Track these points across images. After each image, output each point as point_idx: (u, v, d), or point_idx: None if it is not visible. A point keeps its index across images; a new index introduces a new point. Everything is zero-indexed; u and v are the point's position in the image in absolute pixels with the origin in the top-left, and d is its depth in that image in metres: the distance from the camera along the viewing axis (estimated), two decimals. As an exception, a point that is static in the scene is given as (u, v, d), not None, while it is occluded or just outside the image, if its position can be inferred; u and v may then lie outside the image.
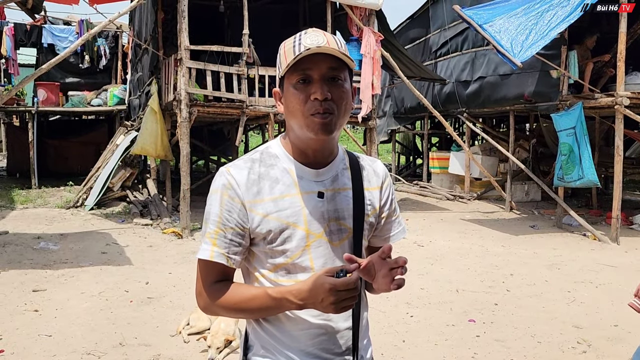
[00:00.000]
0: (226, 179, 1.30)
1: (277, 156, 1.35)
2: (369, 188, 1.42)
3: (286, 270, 1.31)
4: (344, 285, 1.16)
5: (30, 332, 4.13)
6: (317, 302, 1.19)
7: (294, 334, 1.31)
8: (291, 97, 1.28)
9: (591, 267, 6.33)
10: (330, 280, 1.16)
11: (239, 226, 1.29)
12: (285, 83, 1.30)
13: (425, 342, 4.05)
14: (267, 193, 1.30)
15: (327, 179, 1.35)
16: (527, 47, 7.40)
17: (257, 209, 1.29)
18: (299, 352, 1.31)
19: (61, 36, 14.04)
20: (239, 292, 1.30)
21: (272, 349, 1.33)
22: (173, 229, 7.98)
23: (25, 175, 13.41)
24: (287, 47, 1.29)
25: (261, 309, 1.28)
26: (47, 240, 7.20)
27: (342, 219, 1.35)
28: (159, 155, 9.27)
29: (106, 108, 13.74)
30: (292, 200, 1.30)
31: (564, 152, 8.26)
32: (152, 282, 5.48)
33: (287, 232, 1.29)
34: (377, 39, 8.90)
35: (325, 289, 1.16)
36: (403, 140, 18.71)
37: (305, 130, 1.27)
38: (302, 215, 1.30)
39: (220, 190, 1.30)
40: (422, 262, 6.51)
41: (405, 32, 15.31)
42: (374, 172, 1.45)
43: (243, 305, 1.29)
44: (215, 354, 3.66)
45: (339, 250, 1.34)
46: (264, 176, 1.32)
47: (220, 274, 1.32)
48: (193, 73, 8.14)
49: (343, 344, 1.34)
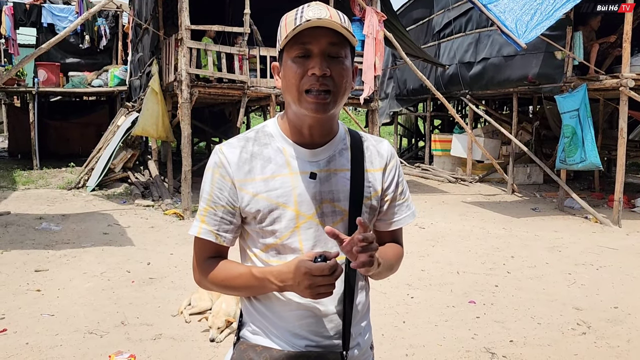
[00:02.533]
0: (218, 158, 1.31)
1: (272, 135, 1.32)
2: (371, 169, 1.36)
3: (276, 251, 1.30)
4: (318, 270, 1.14)
5: (33, 312, 4.15)
6: (294, 285, 1.18)
7: (282, 314, 1.30)
8: (288, 71, 1.24)
9: (592, 250, 6.33)
10: (306, 265, 1.15)
11: (229, 204, 1.30)
12: (284, 56, 1.26)
13: (426, 323, 4.07)
14: (258, 172, 1.28)
15: (323, 160, 1.31)
16: (531, 27, 7.31)
17: (247, 187, 1.28)
18: (287, 332, 1.30)
19: (61, 16, 13.89)
20: (226, 269, 1.32)
21: (262, 327, 1.33)
22: (174, 210, 8.00)
23: (26, 156, 13.41)
24: (288, 19, 1.25)
25: (246, 287, 1.29)
26: (49, 221, 7.21)
27: (337, 201, 1.30)
28: (160, 137, 9.24)
29: (107, 89, 13.67)
30: (283, 180, 1.28)
31: (566, 135, 8.21)
32: (154, 263, 5.50)
33: (277, 212, 1.27)
34: (380, 19, 8.78)
35: (301, 273, 1.15)
36: (405, 122, 18.63)
37: (299, 106, 1.24)
38: (292, 195, 1.27)
39: (212, 169, 1.31)
40: (423, 244, 6.52)
41: (409, 13, 15.14)
42: (378, 153, 1.39)
43: (229, 282, 1.31)
44: (216, 334, 3.68)
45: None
46: (257, 155, 1.30)
47: (212, 250, 1.34)
48: (194, 53, 8.06)
49: (332, 327, 1.30)
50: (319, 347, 1.29)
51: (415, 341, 3.75)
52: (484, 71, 10.87)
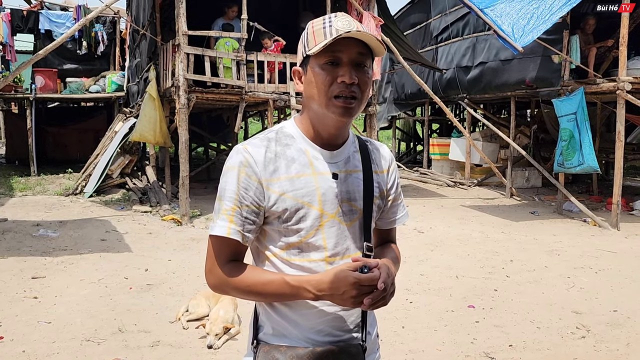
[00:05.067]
0: (243, 157, 1.30)
1: (293, 136, 1.36)
2: (377, 171, 1.45)
3: (299, 249, 1.32)
4: (369, 280, 1.21)
5: (30, 319, 4.13)
6: (336, 294, 1.22)
7: (306, 312, 1.33)
8: (317, 77, 1.30)
9: (591, 253, 6.32)
10: (355, 275, 1.20)
11: (255, 204, 1.30)
12: (310, 62, 1.31)
13: (425, 328, 4.05)
14: (283, 172, 1.31)
15: (341, 161, 1.38)
16: (528, 31, 7.32)
17: (273, 187, 1.30)
18: (311, 330, 1.33)
19: (58, 22, 13.90)
20: (254, 275, 1.30)
21: (283, 329, 1.34)
22: (172, 216, 7.97)
23: (24, 162, 13.39)
24: (315, 27, 1.31)
25: (275, 295, 1.29)
26: (46, 228, 7.19)
27: (354, 200, 1.38)
28: (158, 142, 9.22)
29: (104, 95, 13.66)
30: (307, 180, 1.32)
31: (564, 138, 8.21)
32: (152, 269, 5.48)
33: (302, 211, 1.31)
34: (377, 24, 8.80)
35: (349, 283, 1.20)
36: (403, 126, 18.64)
37: (326, 110, 1.30)
38: (316, 195, 1.32)
39: (237, 167, 1.30)
40: (422, 248, 6.51)
41: (406, 17, 15.18)
42: (382, 156, 1.49)
43: (257, 288, 1.29)
44: (214, 340, 3.66)
45: (351, 231, 1.37)
46: (280, 155, 1.32)
47: (233, 252, 1.33)
48: (191, 59, 8.06)
49: (352, 321, 1.37)
50: (340, 342, 1.35)
51: (415, 346, 3.73)
52: (482, 75, 10.88)
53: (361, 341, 1.38)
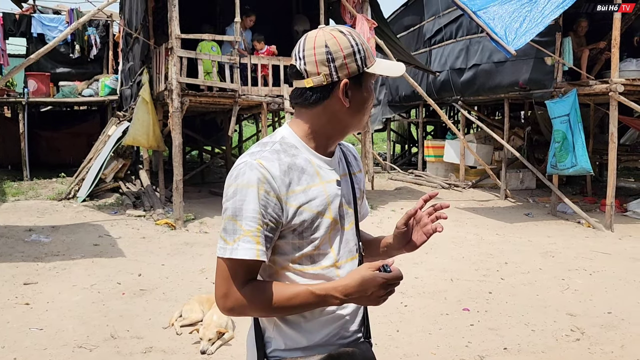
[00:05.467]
0: (261, 173, 1.26)
1: (296, 146, 1.35)
2: (355, 172, 1.50)
3: (311, 259, 1.33)
4: (395, 278, 1.25)
5: (21, 326, 4.09)
6: (364, 296, 1.25)
7: (319, 320, 1.34)
8: (370, 94, 1.37)
9: (585, 255, 6.33)
10: (382, 275, 1.24)
11: (273, 221, 1.27)
12: (365, 80, 1.35)
13: (420, 332, 4.04)
14: (296, 184, 1.30)
15: (338, 167, 1.42)
16: (521, 34, 7.34)
17: (290, 201, 1.29)
18: (325, 336, 1.34)
19: (51, 25, 13.83)
20: (279, 291, 1.27)
21: (296, 342, 1.34)
22: (166, 220, 7.93)
23: (16, 167, 13.30)
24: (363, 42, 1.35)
25: (301, 306, 1.28)
26: (38, 233, 7.13)
27: (349, 204, 1.42)
28: (151, 146, 9.18)
29: (98, 98, 13.59)
30: (318, 190, 1.33)
31: (557, 140, 8.23)
32: (145, 274, 5.44)
33: (317, 221, 1.32)
34: (371, 27, 8.81)
35: (378, 283, 1.23)
36: (398, 128, 18.66)
37: (362, 125, 1.40)
38: (327, 203, 1.33)
39: (256, 185, 1.25)
40: (417, 251, 6.47)
41: (399, 20, 15.20)
42: (354, 157, 1.55)
43: (282, 304, 1.26)
44: (208, 345, 3.64)
45: (350, 233, 1.41)
46: (292, 166, 1.31)
47: (254, 272, 1.29)
48: (184, 62, 8.03)
49: (357, 322, 1.41)
50: (351, 342, 1.38)
51: (409, 350, 3.72)
52: (475, 77, 10.91)
53: (366, 337, 1.43)
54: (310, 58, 1.30)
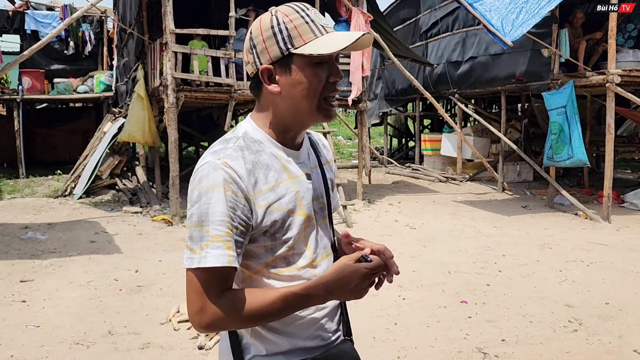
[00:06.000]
0: (226, 173, 1.15)
1: (260, 141, 1.25)
2: (325, 162, 1.42)
3: (285, 260, 1.24)
4: (377, 267, 1.19)
5: (18, 323, 4.07)
6: (348, 289, 1.17)
7: (299, 323, 1.27)
8: (310, 78, 1.19)
9: (583, 246, 6.34)
10: (365, 265, 1.17)
11: (243, 224, 1.16)
12: (296, 61, 1.19)
13: (417, 324, 4.03)
14: (262, 182, 1.20)
15: (306, 159, 1.33)
16: (517, 25, 7.32)
17: (258, 201, 1.18)
18: (307, 339, 1.28)
19: (44, 22, 13.73)
20: (258, 298, 1.16)
21: (278, 347, 1.26)
22: (163, 217, 7.91)
23: (12, 164, 13.25)
24: (294, 20, 1.19)
25: (285, 310, 1.17)
26: (34, 230, 7.10)
27: (321, 197, 1.34)
28: (147, 142, 9.14)
29: (93, 95, 13.53)
30: (286, 186, 1.23)
31: (554, 132, 8.23)
32: (142, 271, 5.42)
33: (289, 220, 1.23)
34: (367, 20, 8.76)
35: (361, 274, 1.16)
36: (395, 122, 18.64)
37: (316, 112, 1.22)
38: (297, 200, 1.24)
39: (222, 186, 1.14)
40: (414, 244, 6.49)
41: (396, 13, 15.15)
42: (324, 145, 1.46)
43: (264, 311, 1.15)
44: (206, 341, 3.63)
45: (324, 228, 1.34)
46: (257, 164, 1.21)
47: (226, 281, 1.16)
48: (179, 57, 7.98)
49: (336, 320, 1.36)
50: (331, 342, 1.33)
51: (407, 343, 3.71)
52: (472, 70, 10.88)
53: (347, 335, 1.39)
54: (245, 46, 1.25)
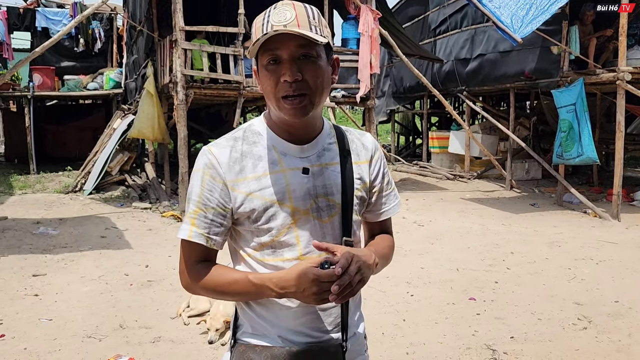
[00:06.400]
0: (207, 158, 1.28)
1: (260, 133, 1.31)
2: (358, 162, 1.38)
3: (272, 249, 1.28)
4: (328, 277, 1.13)
5: (31, 317, 4.13)
6: (298, 291, 1.16)
7: (280, 313, 1.29)
8: (263, 79, 1.24)
9: (592, 244, 6.32)
10: (314, 271, 1.14)
11: (221, 206, 1.27)
12: (258, 63, 1.25)
13: (426, 321, 4.05)
14: (249, 171, 1.27)
15: (313, 155, 1.32)
16: (527, 22, 7.29)
17: (239, 187, 1.26)
18: (287, 330, 1.29)
19: (55, 19, 13.84)
20: (220, 275, 1.28)
21: (261, 328, 1.32)
22: (172, 212, 7.97)
23: (23, 161, 13.37)
24: (257, 24, 1.23)
25: (241, 294, 1.27)
26: (46, 225, 7.18)
27: (331, 195, 1.31)
28: (157, 139, 9.20)
29: (102, 92, 13.63)
30: (276, 178, 1.27)
31: (563, 129, 8.19)
32: (152, 266, 5.48)
33: (272, 210, 1.26)
34: (375, 17, 8.76)
35: (309, 280, 1.14)
36: (402, 120, 18.61)
37: (279, 111, 1.24)
38: (286, 192, 1.27)
39: (202, 170, 1.28)
40: (422, 241, 6.50)
41: (404, 10, 15.12)
42: (363, 145, 1.41)
43: (223, 288, 1.28)
44: (215, 336, 3.66)
45: (329, 227, 1.31)
46: (247, 154, 1.28)
47: (201, 254, 1.30)
48: (189, 54, 8.03)
49: (331, 321, 1.31)
50: (319, 342, 1.30)
51: (416, 339, 3.73)
52: (481, 67, 10.85)
53: (342, 341, 1.32)
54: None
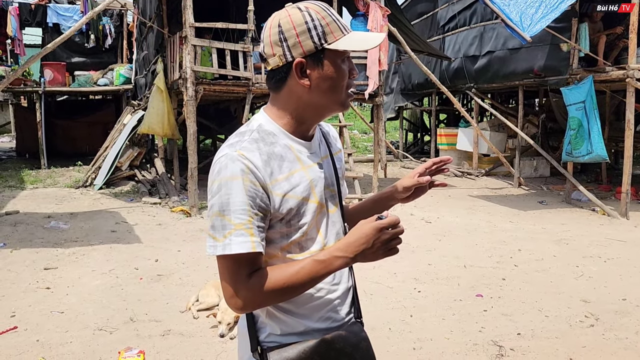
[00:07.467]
0: (243, 164, 1.22)
1: (274, 133, 1.31)
2: (336, 152, 1.49)
3: (299, 246, 1.32)
4: (391, 223, 1.17)
5: (43, 309, 4.20)
6: (367, 248, 1.18)
7: (312, 305, 1.33)
8: (338, 72, 1.28)
9: (600, 242, 6.31)
10: (377, 222, 1.17)
11: (262, 211, 1.23)
12: (328, 55, 1.27)
13: (433, 317, 4.07)
14: (277, 172, 1.27)
15: (317, 150, 1.40)
16: (536, 20, 7.26)
17: (275, 190, 1.26)
18: (319, 320, 1.34)
19: (66, 15, 13.95)
20: (281, 271, 1.23)
21: (291, 327, 1.32)
22: (181, 208, 8.03)
23: (34, 155, 13.51)
24: (326, 18, 1.27)
25: (310, 278, 1.22)
26: (57, 220, 7.27)
27: (332, 186, 1.41)
28: (166, 134, 9.27)
29: (113, 87, 13.73)
30: (300, 176, 1.30)
31: (572, 127, 8.16)
32: (162, 260, 5.54)
33: (303, 207, 1.30)
34: (384, 14, 8.75)
35: (377, 230, 1.16)
36: (410, 117, 18.58)
37: (341, 105, 1.32)
38: (311, 188, 1.32)
39: (240, 176, 1.21)
40: (430, 238, 6.52)
41: (413, 7, 15.07)
42: (333, 136, 1.53)
43: (292, 281, 1.21)
44: (226, 330, 3.70)
45: (336, 216, 1.40)
46: (271, 155, 1.28)
47: (255, 263, 1.23)
48: (198, 51, 8.07)
49: (348, 303, 1.41)
50: (343, 324, 1.37)
51: (423, 335, 3.76)
52: (489, 64, 10.81)
53: (357, 318, 1.43)
54: (267, 40, 1.28)
